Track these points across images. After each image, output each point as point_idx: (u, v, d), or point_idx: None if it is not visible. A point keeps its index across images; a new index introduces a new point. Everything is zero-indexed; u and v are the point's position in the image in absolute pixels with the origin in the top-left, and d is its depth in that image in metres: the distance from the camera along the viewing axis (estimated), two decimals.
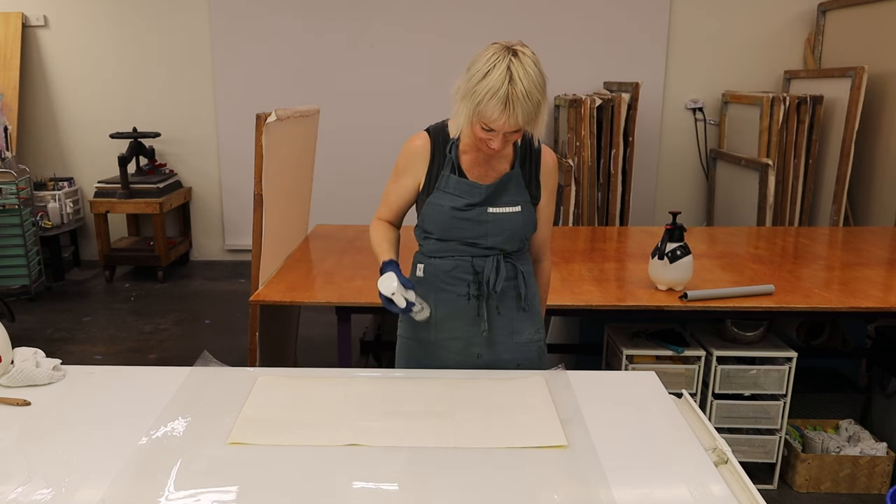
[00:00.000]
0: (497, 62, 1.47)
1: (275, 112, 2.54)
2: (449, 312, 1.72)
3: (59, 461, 1.30)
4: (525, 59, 1.48)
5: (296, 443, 1.38)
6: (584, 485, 1.23)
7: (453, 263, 1.70)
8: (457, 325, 1.73)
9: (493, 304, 1.72)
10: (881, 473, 2.59)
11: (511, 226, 1.68)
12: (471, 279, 1.70)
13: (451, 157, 1.66)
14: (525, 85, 1.46)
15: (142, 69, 5.42)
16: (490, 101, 1.46)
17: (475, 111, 1.49)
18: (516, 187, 1.68)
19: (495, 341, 1.75)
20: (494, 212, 1.66)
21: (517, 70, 1.46)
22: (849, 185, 4.26)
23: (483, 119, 1.50)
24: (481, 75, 1.48)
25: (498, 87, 1.45)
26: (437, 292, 1.72)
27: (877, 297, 2.42)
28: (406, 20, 5.25)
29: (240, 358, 2.46)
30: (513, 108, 1.46)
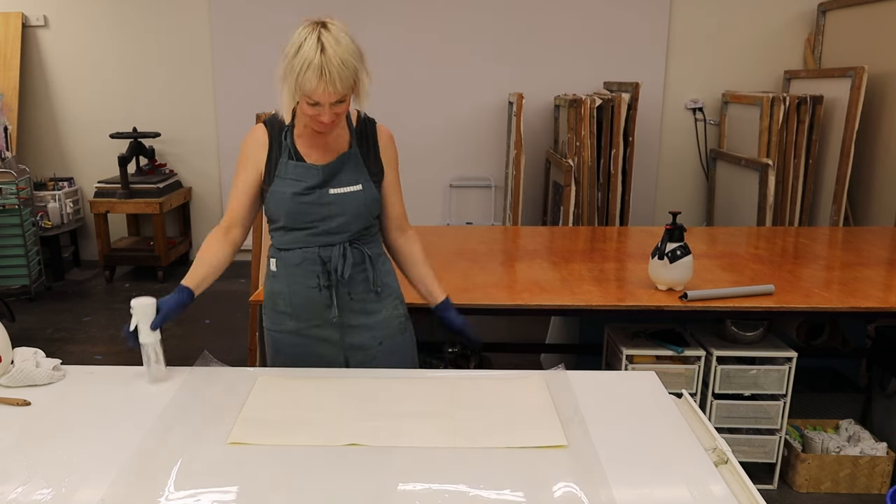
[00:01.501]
0: (307, 35, 1.52)
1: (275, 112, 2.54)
2: (303, 303, 1.77)
3: (59, 461, 1.30)
4: (335, 29, 1.53)
5: (296, 443, 1.38)
6: (584, 485, 1.23)
7: (301, 255, 1.74)
8: (313, 315, 1.78)
9: (344, 291, 1.76)
10: (881, 473, 2.59)
11: (354, 205, 1.71)
12: (319, 270, 1.74)
13: (286, 144, 1.70)
14: (338, 52, 1.51)
15: (142, 69, 5.42)
16: (307, 73, 1.50)
17: (296, 86, 1.53)
18: (355, 166, 1.72)
19: (351, 324, 1.79)
20: (335, 192, 1.69)
21: (327, 39, 1.51)
22: (849, 185, 4.26)
23: (304, 92, 1.53)
24: (294, 49, 1.53)
25: (311, 57, 1.50)
26: (291, 285, 1.77)
27: (877, 297, 2.42)
28: (405, 20, 5.25)
29: (240, 358, 2.46)
30: (329, 75, 1.50)
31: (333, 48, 1.51)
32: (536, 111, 5.23)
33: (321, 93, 1.53)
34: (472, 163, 5.46)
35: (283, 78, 1.56)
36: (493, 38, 5.26)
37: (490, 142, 5.39)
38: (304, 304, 1.77)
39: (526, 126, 4.69)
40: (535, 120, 5.24)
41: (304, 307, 1.77)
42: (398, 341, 1.85)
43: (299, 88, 1.54)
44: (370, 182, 1.74)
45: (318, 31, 1.52)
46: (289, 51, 1.54)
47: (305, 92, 1.53)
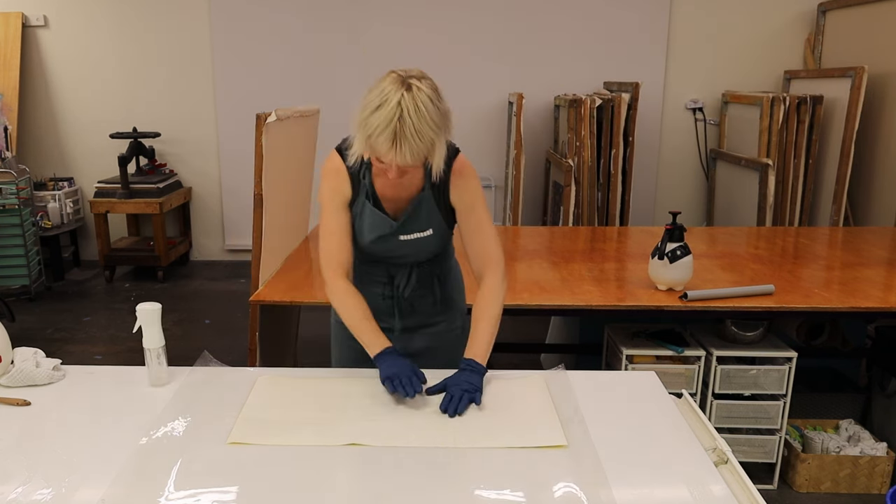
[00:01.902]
0: (389, 96, 1.41)
1: (275, 112, 2.54)
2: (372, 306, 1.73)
3: (59, 461, 1.30)
4: (419, 93, 1.42)
5: (296, 443, 1.38)
6: (584, 485, 1.23)
7: (368, 266, 1.74)
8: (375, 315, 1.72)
9: (407, 304, 1.76)
10: (881, 473, 2.59)
11: (423, 247, 1.69)
12: (385, 282, 1.74)
13: (365, 184, 1.64)
14: (415, 122, 1.40)
15: (142, 69, 5.42)
16: (379, 137, 1.41)
17: (367, 143, 1.45)
18: (427, 211, 1.65)
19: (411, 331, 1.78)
20: (406, 239, 1.66)
21: (408, 106, 1.40)
22: (849, 185, 4.26)
23: (373, 152, 1.47)
24: (373, 107, 1.42)
25: (387, 123, 1.40)
26: (358, 285, 1.73)
27: (877, 297, 2.42)
28: (406, 20, 5.25)
29: (240, 358, 2.45)
30: (400, 146, 1.41)
31: (412, 117, 1.40)
32: (536, 111, 5.23)
33: (390, 159, 1.45)
34: (472, 162, 5.44)
35: (358, 126, 1.46)
36: (493, 38, 5.26)
37: (490, 142, 5.39)
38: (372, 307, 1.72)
39: (526, 126, 4.69)
40: (535, 120, 5.24)
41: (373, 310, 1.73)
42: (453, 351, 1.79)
43: (370, 147, 1.45)
44: (443, 223, 1.68)
45: (400, 92, 1.41)
46: (368, 102, 1.43)
47: (375, 153, 1.47)
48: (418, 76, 1.46)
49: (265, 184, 2.55)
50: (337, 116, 5.01)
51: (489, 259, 1.69)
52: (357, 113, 1.46)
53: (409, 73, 1.46)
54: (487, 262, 1.69)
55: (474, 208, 1.68)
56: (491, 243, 1.70)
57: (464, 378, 1.56)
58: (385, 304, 1.76)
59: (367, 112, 1.43)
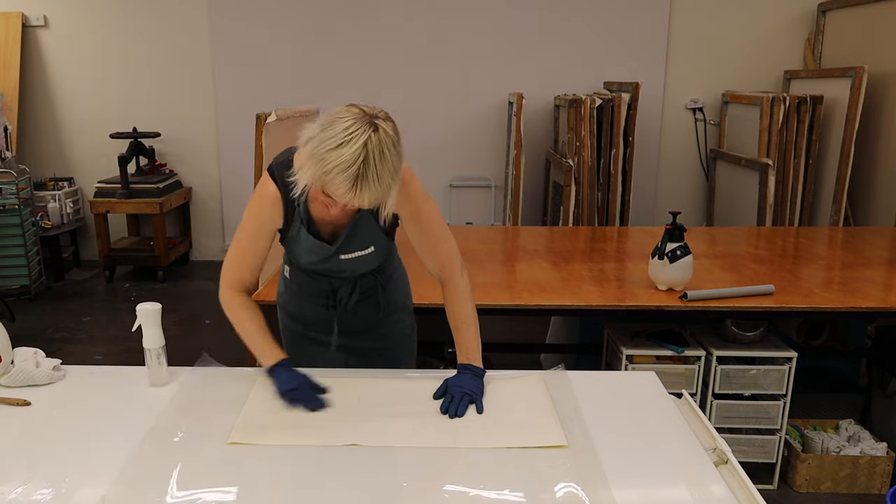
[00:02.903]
0: (354, 135, 1.30)
1: (275, 112, 2.55)
2: (309, 312, 1.77)
3: (59, 461, 1.30)
4: (385, 136, 1.32)
5: (296, 443, 1.38)
6: (584, 485, 1.23)
7: (311, 279, 1.72)
8: (317, 323, 1.78)
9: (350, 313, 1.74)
10: (881, 473, 2.59)
11: (365, 264, 1.66)
12: (327, 294, 1.73)
13: (300, 212, 1.57)
14: (378, 167, 1.31)
15: (142, 69, 5.42)
16: (338, 177, 1.30)
17: (320, 178, 1.33)
18: (367, 229, 1.60)
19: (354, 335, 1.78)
20: (346, 258, 1.63)
21: (373, 149, 1.30)
22: (849, 185, 4.26)
23: (328, 188, 1.35)
24: (334, 144, 1.30)
25: (349, 164, 1.29)
26: (299, 295, 1.77)
27: (877, 297, 2.42)
28: (405, 20, 5.25)
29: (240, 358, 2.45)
30: (360, 189, 1.32)
31: (376, 161, 1.30)
32: (536, 111, 5.23)
33: (345, 201, 1.36)
34: (472, 163, 5.46)
35: (310, 157, 1.34)
36: (494, 38, 5.26)
37: (490, 142, 5.39)
38: (309, 313, 1.77)
39: (526, 126, 4.69)
40: (535, 120, 5.24)
41: (309, 315, 1.78)
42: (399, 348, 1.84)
43: (320, 180, 1.34)
44: (383, 237, 1.64)
45: (367, 133, 1.30)
46: (328, 137, 1.31)
47: (328, 191, 1.36)
48: (384, 117, 1.36)
49: None
50: None
51: (444, 262, 1.66)
52: (311, 144, 1.34)
53: (375, 113, 1.35)
54: (444, 266, 1.66)
55: (419, 213, 1.60)
56: (443, 244, 1.65)
57: (464, 380, 1.56)
58: (328, 314, 1.75)
59: (326, 147, 1.31)
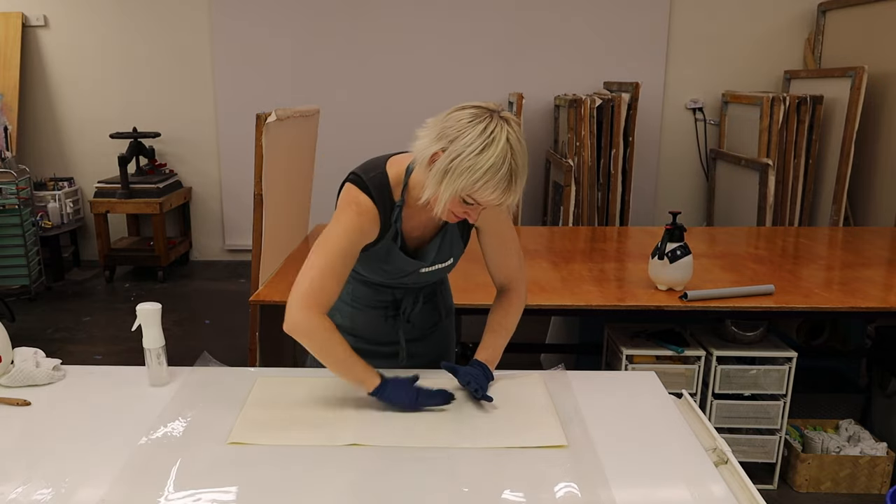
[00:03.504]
0: (495, 134, 1.28)
1: (275, 112, 2.54)
2: (365, 324, 1.69)
3: (59, 461, 1.30)
4: (516, 126, 1.32)
5: (296, 443, 1.37)
6: (584, 485, 1.23)
7: (373, 291, 1.66)
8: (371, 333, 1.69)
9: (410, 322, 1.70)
10: (881, 473, 2.59)
11: (440, 275, 1.65)
12: (387, 305, 1.68)
13: (395, 228, 1.51)
14: (522, 160, 1.31)
15: (142, 69, 5.42)
16: (491, 180, 1.28)
17: (468, 188, 1.30)
18: (450, 242, 1.58)
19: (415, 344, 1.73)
20: (427, 271, 1.61)
21: (515, 143, 1.29)
22: (849, 185, 4.26)
23: (477, 196, 1.32)
24: (478, 149, 1.27)
25: (500, 163, 1.27)
26: (355, 306, 1.68)
27: (877, 297, 2.42)
28: (406, 20, 5.25)
29: (240, 358, 2.45)
30: (515, 186, 1.31)
31: (518, 156, 1.29)
32: (536, 111, 5.23)
33: (501, 201, 1.32)
34: None
35: (448, 171, 1.29)
36: (493, 38, 5.26)
37: None
38: (365, 325, 1.69)
39: (526, 126, 4.69)
40: (535, 120, 5.24)
41: (364, 328, 1.70)
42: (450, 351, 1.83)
43: (470, 190, 1.30)
44: (462, 248, 1.62)
45: (505, 128, 1.28)
46: (464, 144, 1.28)
47: (481, 197, 1.31)
48: (498, 106, 1.34)
49: (265, 184, 2.55)
50: (337, 117, 5.05)
51: (515, 276, 1.66)
52: (443, 158, 1.30)
53: (493, 107, 1.33)
54: (513, 278, 1.66)
55: (500, 223, 1.60)
56: (514, 264, 1.65)
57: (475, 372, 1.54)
58: (387, 324, 1.69)
59: (469, 154, 1.27)
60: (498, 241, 1.62)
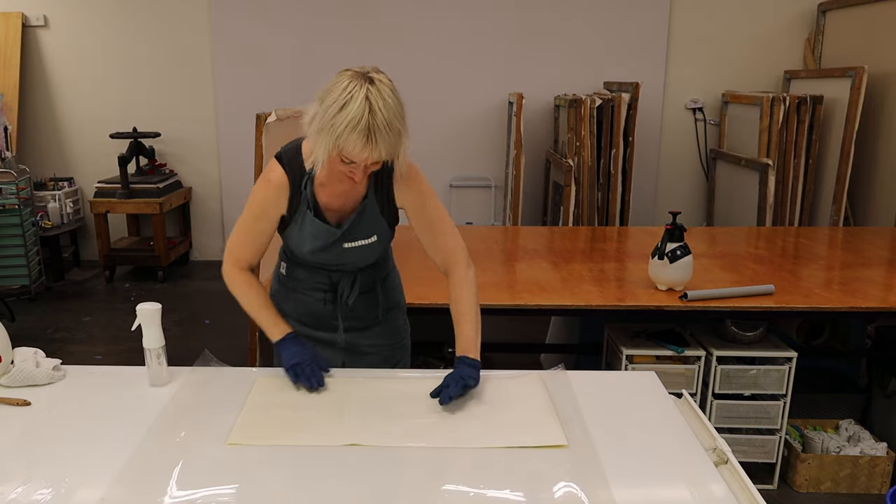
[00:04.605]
0: (354, 92, 1.37)
1: (275, 112, 2.55)
2: (307, 310, 1.77)
3: (59, 461, 1.30)
4: (382, 86, 1.40)
5: (296, 443, 1.38)
6: (584, 485, 1.23)
7: (310, 272, 1.73)
8: (315, 321, 1.77)
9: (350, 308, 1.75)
10: (881, 473, 2.59)
11: (367, 254, 1.69)
12: (326, 289, 1.73)
13: (306, 195, 1.60)
14: (385, 115, 1.38)
15: (142, 69, 5.42)
16: (351, 135, 1.37)
17: (335, 145, 1.39)
18: (371, 217, 1.63)
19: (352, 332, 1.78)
20: (350, 246, 1.65)
21: (376, 100, 1.37)
22: (849, 185, 4.26)
23: (344, 153, 1.41)
24: (338, 107, 1.37)
25: (358, 118, 1.36)
26: (296, 292, 1.76)
27: (877, 297, 2.42)
28: (406, 20, 5.25)
29: (240, 358, 2.45)
30: (375, 140, 1.38)
31: (382, 110, 1.37)
32: (536, 111, 5.23)
33: (364, 157, 1.40)
34: (472, 163, 5.46)
35: (319, 131, 1.40)
36: (493, 38, 5.26)
37: (490, 142, 5.39)
38: (307, 311, 1.77)
39: (526, 126, 4.69)
40: (535, 120, 5.24)
41: (307, 314, 1.78)
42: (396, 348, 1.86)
43: (338, 148, 1.40)
44: (387, 229, 1.67)
45: (365, 87, 1.37)
46: (330, 104, 1.39)
47: (346, 153, 1.41)
48: (374, 70, 1.43)
49: None
50: None
51: (450, 253, 1.69)
52: (316, 119, 1.41)
53: (365, 69, 1.43)
54: (449, 256, 1.69)
55: (425, 206, 1.66)
56: (449, 238, 1.69)
57: (461, 370, 1.56)
58: (327, 308, 1.75)
59: (331, 113, 1.38)
60: (426, 222, 1.68)
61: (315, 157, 1.45)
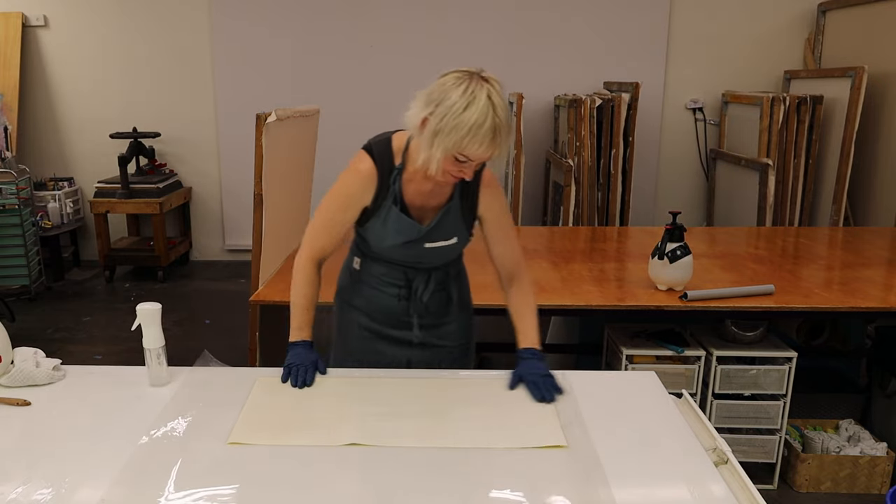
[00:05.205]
0: (477, 92, 1.41)
1: (275, 112, 2.54)
2: (380, 307, 1.76)
3: (59, 461, 1.30)
4: (496, 85, 1.44)
5: (296, 443, 1.38)
6: (584, 485, 1.23)
7: (387, 268, 1.73)
8: (387, 317, 1.77)
9: (422, 305, 1.75)
10: (881, 473, 2.59)
11: (446, 254, 1.71)
12: (401, 285, 1.73)
13: (394, 189, 1.61)
14: (504, 114, 1.43)
15: (142, 69, 5.42)
16: (477, 134, 1.40)
17: (457, 145, 1.42)
18: (453, 220, 1.66)
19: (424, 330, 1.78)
20: (431, 246, 1.66)
21: (496, 99, 1.42)
22: (849, 185, 4.26)
23: (466, 151, 1.43)
24: (461, 107, 1.40)
25: (483, 118, 1.40)
26: (370, 288, 1.76)
27: (877, 297, 2.42)
28: (406, 20, 5.25)
29: (240, 358, 2.45)
30: (500, 139, 1.43)
31: (502, 109, 1.42)
32: (536, 111, 5.23)
33: (487, 156, 1.45)
34: None
35: (438, 131, 1.42)
36: (493, 38, 5.26)
37: None
38: (380, 307, 1.76)
39: (526, 126, 4.69)
40: (535, 120, 5.23)
41: (379, 310, 1.77)
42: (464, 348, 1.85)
43: (459, 146, 1.42)
44: (466, 234, 1.70)
45: (486, 87, 1.41)
46: (451, 105, 1.41)
47: (469, 152, 1.43)
48: (481, 70, 1.46)
49: (265, 184, 2.55)
50: (337, 117, 5.06)
51: (517, 264, 1.76)
52: (432, 120, 1.43)
53: (477, 69, 1.46)
54: (516, 267, 1.76)
55: (502, 216, 1.72)
56: (518, 250, 1.77)
57: (536, 366, 1.62)
58: (401, 305, 1.75)
59: (454, 114, 1.40)
60: (501, 231, 1.72)
61: (430, 157, 1.46)
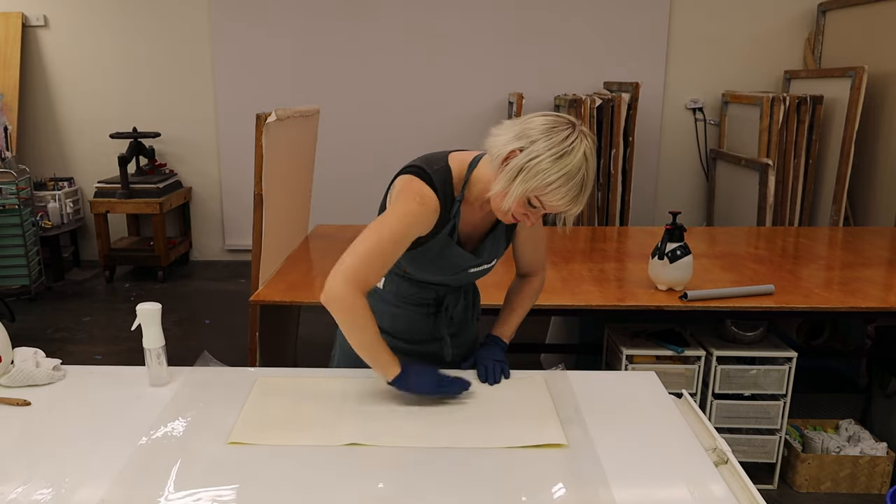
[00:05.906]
0: (576, 145, 1.34)
1: (275, 112, 2.54)
2: (406, 326, 1.69)
3: (59, 461, 1.30)
4: (590, 140, 1.38)
5: (296, 443, 1.37)
6: (584, 485, 1.23)
7: (418, 289, 1.66)
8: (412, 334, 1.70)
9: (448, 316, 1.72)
10: (881, 473, 2.59)
11: (482, 275, 1.69)
12: (430, 303, 1.69)
13: (454, 222, 1.54)
14: (593, 174, 1.37)
15: (142, 69, 5.42)
16: (562, 187, 1.34)
17: (538, 190, 1.35)
18: (496, 243, 1.63)
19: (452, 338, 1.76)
20: (474, 271, 1.64)
21: (591, 159, 1.36)
22: (849, 185, 4.26)
23: (544, 199, 1.37)
24: (556, 155, 1.33)
25: (575, 172, 1.33)
26: (397, 307, 1.68)
27: (877, 297, 2.42)
28: (406, 20, 5.25)
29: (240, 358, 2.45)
30: (582, 197, 1.37)
31: (593, 170, 1.37)
32: (536, 111, 5.21)
33: (567, 209, 1.38)
34: None
35: (523, 170, 1.34)
36: (493, 38, 5.26)
37: None
38: (406, 325, 1.70)
39: None
40: None
41: (405, 329, 1.70)
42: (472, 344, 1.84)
43: (540, 192, 1.35)
44: (503, 250, 1.68)
45: (584, 142, 1.35)
46: (544, 149, 1.33)
47: (545, 200, 1.36)
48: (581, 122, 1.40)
49: (265, 184, 2.55)
50: (337, 117, 5.06)
51: (539, 266, 1.79)
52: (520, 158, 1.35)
53: (576, 121, 1.39)
54: (537, 268, 1.79)
55: (537, 232, 1.73)
56: (544, 254, 1.79)
57: (494, 351, 1.67)
58: (428, 321, 1.70)
59: (545, 159, 1.33)
60: (534, 240, 1.73)
61: (507, 192, 1.38)
